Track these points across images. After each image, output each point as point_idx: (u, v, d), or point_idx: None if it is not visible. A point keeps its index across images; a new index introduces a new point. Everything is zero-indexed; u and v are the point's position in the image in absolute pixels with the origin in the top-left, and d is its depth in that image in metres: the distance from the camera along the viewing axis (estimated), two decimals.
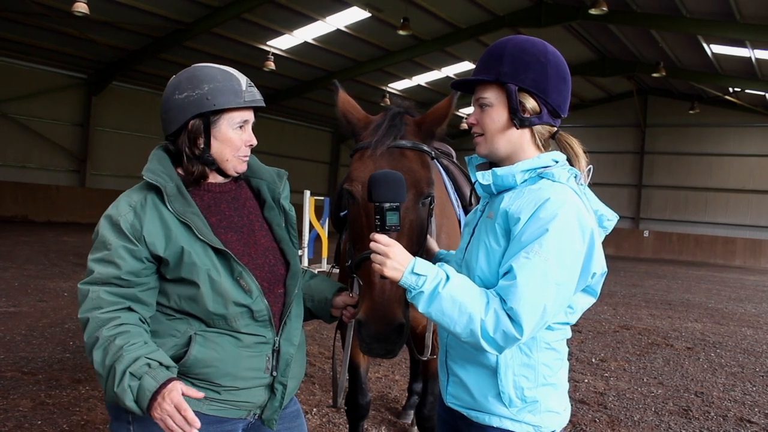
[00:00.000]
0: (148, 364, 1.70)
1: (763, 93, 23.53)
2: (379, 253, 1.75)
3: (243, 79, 1.96)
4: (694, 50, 20.58)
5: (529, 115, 1.86)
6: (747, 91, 23.90)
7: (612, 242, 26.83)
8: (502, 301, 1.68)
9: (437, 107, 2.38)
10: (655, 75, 21.84)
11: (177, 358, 1.83)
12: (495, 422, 1.85)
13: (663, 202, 29.34)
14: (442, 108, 2.37)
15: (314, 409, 4.94)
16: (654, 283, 17.03)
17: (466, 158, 2.09)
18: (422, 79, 25.58)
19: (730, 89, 24.56)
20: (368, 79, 24.96)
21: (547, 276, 1.67)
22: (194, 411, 1.84)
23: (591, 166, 1.94)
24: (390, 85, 26.16)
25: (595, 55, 23.65)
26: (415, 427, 4.52)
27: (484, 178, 1.89)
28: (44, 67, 22.31)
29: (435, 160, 2.63)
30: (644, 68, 23.08)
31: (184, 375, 1.85)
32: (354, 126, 2.43)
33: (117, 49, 21.02)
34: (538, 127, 1.89)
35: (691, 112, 26.89)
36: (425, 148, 2.32)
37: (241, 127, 1.96)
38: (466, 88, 2.02)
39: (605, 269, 1.85)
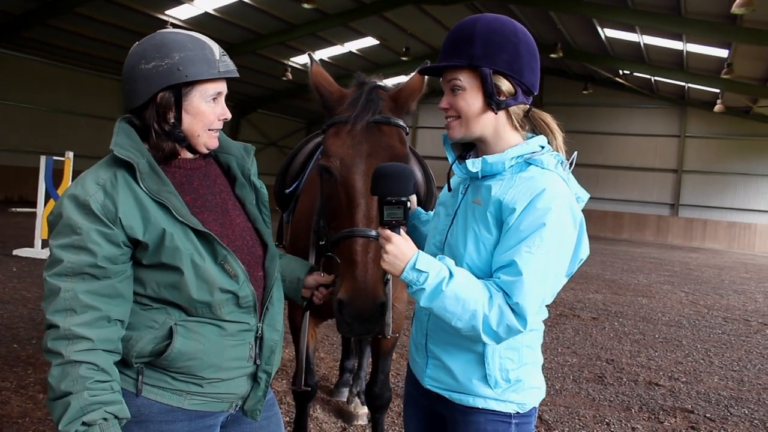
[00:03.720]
0: (105, 418, 1.60)
1: (649, 76, 24.90)
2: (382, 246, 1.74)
3: (216, 48, 1.81)
4: (589, 33, 21.45)
5: (504, 98, 1.84)
6: (635, 74, 25.19)
7: None
8: (506, 295, 1.69)
9: (411, 82, 2.36)
10: (553, 56, 22.56)
11: (158, 352, 1.71)
12: (480, 403, 1.87)
13: None
14: (416, 82, 2.35)
15: None
16: None
17: (443, 136, 2.06)
18: (325, 53, 25.20)
19: (621, 71, 25.81)
20: (269, 53, 24.30)
21: (548, 269, 1.70)
22: (175, 407, 1.75)
23: (576, 152, 1.97)
24: (292, 59, 25.64)
25: None
26: (352, 405, 4.52)
27: (473, 165, 1.86)
28: None
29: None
30: (543, 49, 23.55)
31: (165, 369, 1.73)
32: (327, 100, 2.35)
33: None
34: (513, 108, 1.87)
35: (584, 92, 28.10)
36: (401, 123, 2.29)
37: (214, 99, 1.82)
38: (434, 71, 1.98)
39: (588, 253, 1.91)
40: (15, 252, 10.51)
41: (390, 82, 2.64)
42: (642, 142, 29.22)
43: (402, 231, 1.74)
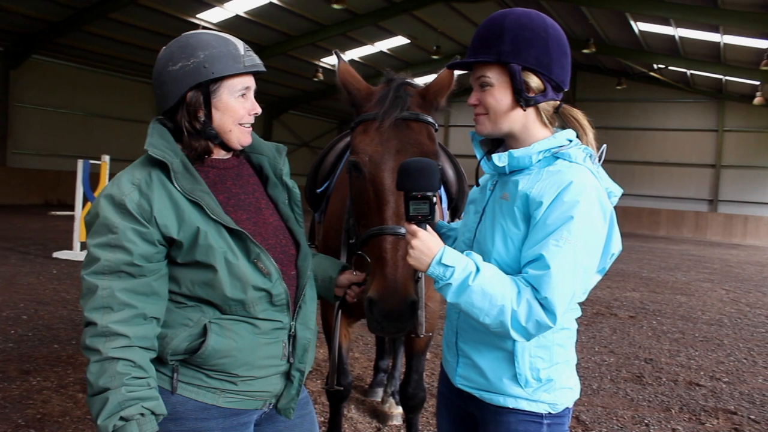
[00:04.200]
0: (142, 414, 1.62)
1: (684, 70, 24.42)
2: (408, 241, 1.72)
3: (240, 44, 1.83)
4: (622, 27, 21.12)
5: (533, 94, 1.81)
6: (670, 68, 24.72)
7: None
8: (534, 290, 1.65)
9: (439, 78, 2.34)
10: (585, 51, 22.29)
11: (192, 350, 1.72)
12: (510, 403, 1.84)
13: None
14: (445, 79, 2.32)
15: None
16: None
17: (470, 133, 2.03)
18: (355, 53, 25.27)
19: (655, 66, 25.35)
20: (300, 54, 24.46)
21: (576, 262, 1.67)
22: (210, 404, 1.76)
23: (605, 145, 1.93)
24: (323, 60, 25.76)
25: None
26: (386, 405, 4.51)
27: (500, 160, 1.84)
28: None
29: None
30: (575, 44, 23.48)
31: (199, 367, 1.75)
32: (355, 97, 2.34)
33: (35, 20, 19.73)
34: (542, 104, 1.84)
35: (618, 87, 27.65)
36: (430, 119, 2.26)
37: (243, 95, 1.84)
38: (462, 66, 1.95)
39: (621, 248, 1.86)
40: (54, 254, 10.75)
41: (421, 80, 2.62)
42: (678, 137, 28.66)
43: (428, 226, 1.73)
